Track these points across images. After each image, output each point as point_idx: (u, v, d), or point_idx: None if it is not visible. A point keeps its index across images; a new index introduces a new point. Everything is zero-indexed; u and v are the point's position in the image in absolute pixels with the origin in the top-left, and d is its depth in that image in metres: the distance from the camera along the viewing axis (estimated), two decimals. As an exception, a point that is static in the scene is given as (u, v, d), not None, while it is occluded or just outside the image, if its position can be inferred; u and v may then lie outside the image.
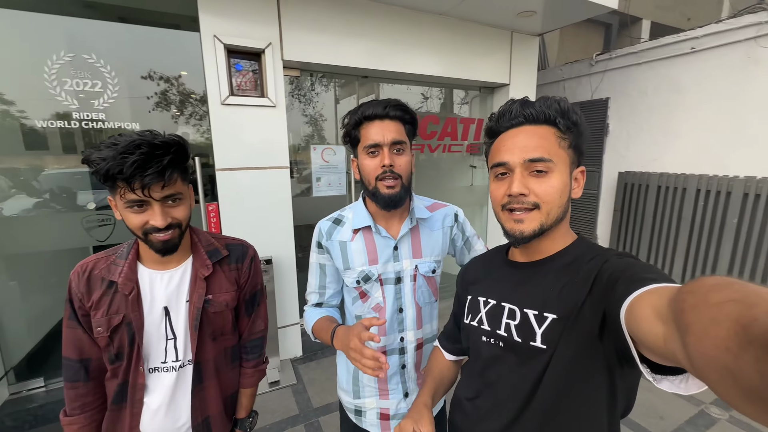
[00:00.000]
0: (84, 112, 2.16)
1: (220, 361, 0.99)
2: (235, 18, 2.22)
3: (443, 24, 2.91)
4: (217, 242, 0.99)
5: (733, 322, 0.29)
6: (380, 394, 1.05)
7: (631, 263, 0.58)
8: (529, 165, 0.66)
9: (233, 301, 0.98)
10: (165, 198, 0.80)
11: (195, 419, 0.94)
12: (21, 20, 2.06)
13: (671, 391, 0.47)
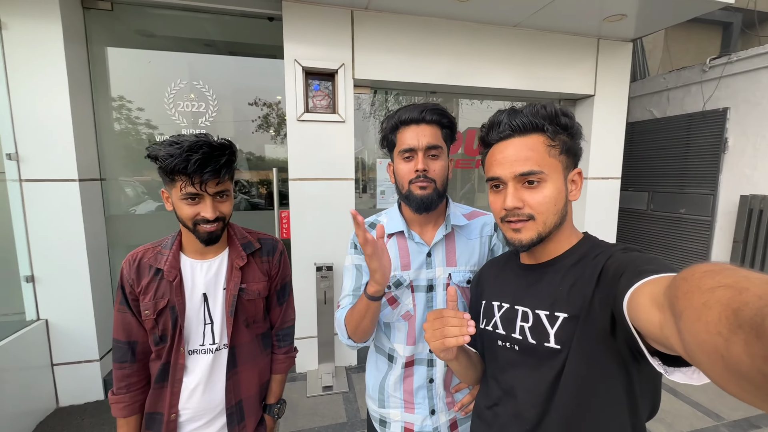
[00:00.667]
0: (191, 129, 2.58)
1: (254, 347, 1.06)
2: (314, 43, 2.45)
3: (518, 36, 2.81)
4: (250, 236, 1.08)
5: (724, 307, 0.30)
6: (405, 407, 1.00)
7: (635, 257, 0.58)
8: (520, 178, 0.68)
9: (264, 290, 1.06)
10: (216, 193, 0.90)
11: (229, 401, 1.01)
12: (154, 57, 2.58)
13: (683, 382, 0.48)
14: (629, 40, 3.05)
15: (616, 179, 3.24)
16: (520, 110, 0.70)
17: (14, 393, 2.04)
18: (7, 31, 2.04)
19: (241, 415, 1.03)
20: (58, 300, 2.27)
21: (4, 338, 2.01)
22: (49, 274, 2.24)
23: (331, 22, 2.46)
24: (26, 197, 2.17)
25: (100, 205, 2.47)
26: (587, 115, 3.17)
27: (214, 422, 1.01)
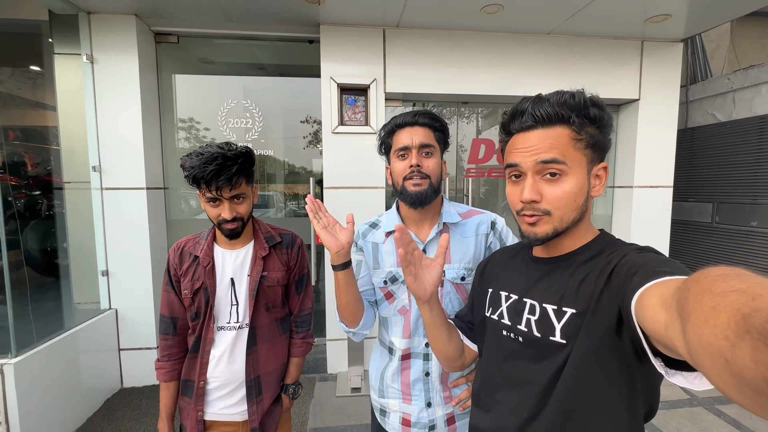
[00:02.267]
0: (239, 143, 2.86)
1: (272, 330, 1.19)
2: (348, 61, 2.63)
3: (552, 43, 2.78)
4: (273, 231, 1.22)
5: (734, 312, 0.29)
6: (403, 398, 1.05)
7: (650, 257, 0.56)
8: (541, 168, 0.64)
9: (284, 279, 1.19)
10: (232, 197, 1.04)
11: (248, 375, 1.13)
12: (211, 81, 2.93)
13: (683, 385, 0.48)
14: (679, 40, 2.87)
15: (667, 188, 3.00)
16: (546, 98, 0.66)
17: (88, 372, 2.37)
18: (97, 65, 2.46)
19: (258, 389, 1.15)
20: (126, 292, 2.62)
21: (83, 323, 2.36)
22: (120, 269, 2.60)
23: (364, 40, 2.63)
24: (105, 203, 2.55)
25: (163, 210, 2.82)
26: (632, 121, 3.00)
27: (235, 393, 1.14)
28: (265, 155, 3.00)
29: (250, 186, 1.11)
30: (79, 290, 2.69)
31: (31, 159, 3.95)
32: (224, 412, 1.14)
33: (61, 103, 2.57)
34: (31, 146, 4.00)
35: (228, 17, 2.55)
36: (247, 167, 1.05)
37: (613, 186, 3.22)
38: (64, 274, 2.70)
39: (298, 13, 2.47)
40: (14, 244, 3.49)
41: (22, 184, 3.80)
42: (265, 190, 3.21)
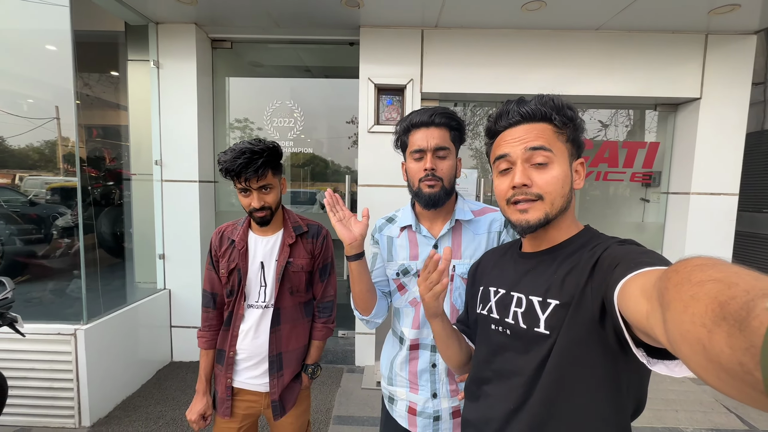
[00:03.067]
0: (281, 142, 3.04)
1: (295, 312, 1.29)
2: (385, 62, 2.69)
3: (600, 39, 2.64)
4: (301, 221, 1.31)
5: (711, 300, 0.31)
6: (410, 387, 1.07)
7: (632, 249, 0.58)
8: (530, 155, 0.69)
9: (308, 266, 1.28)
10: (260, 188, 1.15)
11: (271, 351, 1.24)
12: (259, 83, 3.14)
13: (663, 373, 0.49)
14: (752, 32, 2.59)
15: (731, 196, 2.71)
16: (529, 100, 0.73)
17: (144, 344, 2.65)
18: (162, 70, 2.75)
19: (279, 364, 1.26)
20: (179, 275, 2.89)
21: (142, 299, 2.65)
22: (174, 254, 2.87)
23: (402, 41, 2.67)
24: (164, 194, 2.84)
25: (213, 202, 3.07)
26: (691, 122, 2.76)
27: (259, 366, 1.25)
28: (306, 153, 3.16)
29: (278, 177, 1.20)
30: (140, 271, 3.01)
31: (109, 154, 4.46)
32: (249, 382, 1.26)
33: (131, 104, 2.91)
34: (109, 142, 4.53)
35: (275, 23, 2.72)
36: (272, 160, 1.15)
37: (668, 192, 2.98)
38: (129, 256, 3.04)
39: (340, 17, 2.58)
40: (90, 229, 3.98)
41: (99, 176, 4.32)
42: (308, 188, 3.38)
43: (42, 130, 4.27)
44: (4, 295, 1.74)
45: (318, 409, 2.38)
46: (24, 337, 1.97)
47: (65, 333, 2.11)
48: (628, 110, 3.13)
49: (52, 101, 4.25)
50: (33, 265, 3.05)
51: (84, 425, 2.16)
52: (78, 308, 2.21)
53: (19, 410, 2.14)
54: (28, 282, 3.00)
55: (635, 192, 3.17)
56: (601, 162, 2.96)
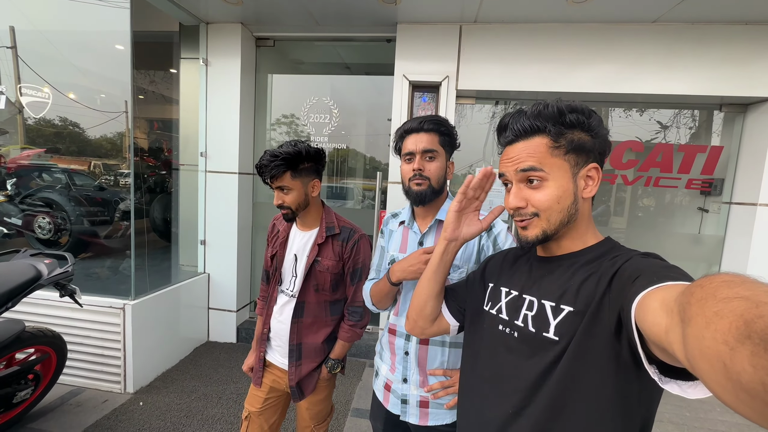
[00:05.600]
0: (316, 137, 3.12)
1: (318, 309, 1.35)
2: (421, 59, 2.67)
3: (656, 33, 2.42)
4: (336, 223, 1.35)
5: (737, 317, 0.30)
6: (390, 366, 1.15)
7: (654, 263, 0.56)
8: (522, 176, 0.70)
9: (335, 268, 1.32)
10: (278, 188, 1.25)
11: (291, 339, 1.33)
12: (299, 80, 3.24)
13: (675, 392, 0.48)
14: None
15: (810, 209, 2.39)
16: (524, 112, 0.71)
17: (185, 323, 2.86)
18: (210, 67, 2.93)
19: (299, 354, 1.34)
20: (216, 260, 3.07)
21: (183, 281, 2.85)
22: (214, 240, 3.06)
23: (440, 38, 2.63)
24: (207, 183, 3.02)
25: (251, 193, 3.22)
26: (762, 124, 2.46)
27: (283, 350, 1.36)
28: (340, 149, 3.22)
29: (299, 180, 1.26)
30: (184, 254, 3.24)
31: (167, 145, 4.84)
32: (277, 359, 1.38)
33: (182, 99, 3.12)
34: (167, 135, 4.92)
35: (316, 21, 2.79)
36: (290, 165, 1.21)
37: (730, 202, 2.68)
38: (175, 240, 3.28)
39: (377, 14, 2.59)
40: (146, 213, 4.34)
41: (156, 165, 4.70)
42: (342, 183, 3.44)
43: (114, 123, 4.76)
44: (65, 269, 1.95)
45: (338, 400, 2.44)
46: (81, 307, 2.20)
47: (116, 306, 2.33)
48: (692, 111, 2.84)
49: (121, 96, 4.72)
50: (96, 244, 3.40)
51: (128, 391, 2.38)
52: (128, 285, 2.43)
53: (75, 372, 2.40)
54: (90, 259, 3.34)
55: (693, 200, 2.88)
56: (652, 166, 2.73)
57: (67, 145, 4.19)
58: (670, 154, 2.69)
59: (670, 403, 2.50)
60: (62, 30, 2.83)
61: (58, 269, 1.93)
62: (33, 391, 2.03)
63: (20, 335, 1.91)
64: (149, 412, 2.20)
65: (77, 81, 3.72)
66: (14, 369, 1.92)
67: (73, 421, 2.10)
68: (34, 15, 3.00)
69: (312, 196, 1.31)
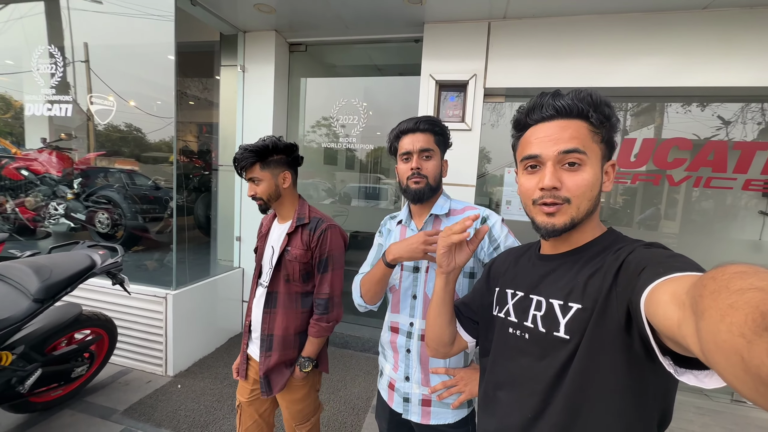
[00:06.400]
0: (344, 138, 3.19)
1: (288, 300, 1.36)
2: (448, 58, 2.64)
3: (710, 20, 2.21)
4: (308, 214, 1.38)
5: (752, 309, 0.29)
6: (394, 365, 1.15)
7: (659, 253, 0.56)
8: (562, 157, 0.65)
9: (302, 257, 1.33)
10: (250, 179, 1.31)
11: (263, 330, 1.36)
12: (331, 83, 3.33)
13: (692, 384, 0.47)
14: None
15: None
16: (565, 93, 0.69)
17: (221, 314, 3.05)
18: (246, 73, 3.10)
19: (269, 345, 1.35)
20: (250, 256, 3.23)
21: (220, 274, 3.04)
22: (247, 236, 3.23)
23: (467, 36, 2.59)
24: (244, 183, 3.20)
25: (283, 193, 3.36)
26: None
27: (258, 341, 1.38)
28: (369, 150, 3.27)
29: (267, 171, 1.31)
30: (222, 249, 3.45)
31: (213, 147, 5.18)
32: (255, 351, 1.40)
33: (222, 104, 3.33)
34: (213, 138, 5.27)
35: (345, 25, 2.86)
36: (258, 156, 1.28)
37: (799, 205, 2.38)
38: (213, 236, 3.50)
39: (404, 15, 2.60)
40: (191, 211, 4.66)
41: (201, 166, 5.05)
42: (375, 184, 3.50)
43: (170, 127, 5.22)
44: (116, 259, 2.16)
45: (359, 396, 2.48)
46: (129, 294, 2.42)
47: (159, 296, 2.54)
48: (762, 104, 2.56)
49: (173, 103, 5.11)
50: (147, 238, 3.70)
51: (169, 374, 2.58)
52: (169, 277, 2.64)
53: (124, 354, 2.65)
54: (141, 252, 3.66)
55: (754, 203, 2.60)
56: (702, 165, 2.50)
57: (131, 148, 4.63)
58: (723, 153, 2.45)
59: (720, 426, 2.28)
60: (124, 44, 3.11)
61: (110, 260, 2.15)
62: (88, 369, 2.27)
63: (78, 317, 2.14)
64: (185, 395, 2.37)
65: (138, 89, 4.07)
66: (73, 347, 2.15)
67: (121, 397, 2.31)
68: (102, 30, 3.33)
69: (283, 187, 1.35)
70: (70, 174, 3.73)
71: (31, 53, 3.09)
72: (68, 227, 3.64)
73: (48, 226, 3.69)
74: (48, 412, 2.12)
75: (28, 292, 1.77)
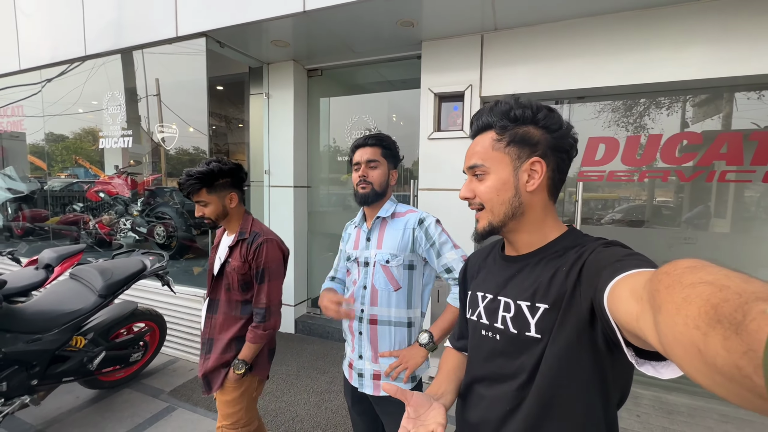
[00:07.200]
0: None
1: (228, 307, 1.46)
2: (444, 71, 2.81)
3: (708, 11, 2.16)
4: (249, 228, 1.46)
5: (704, 302, 0.31)
6: (351, 347, 1.34)
7: (618, 251, 0.59)
8: (470, 172, 0.76)
9: (241, 269, 1.41)
10: (197, 202, 1.41)
11: (204, 333, 1.49)
12: (346, 101, 3.65)
13: (650, 374, 0.50)
14: None
15: None
16: (480, 111, 0.76)
17: (252, 312, 3.42)
18: (271, 99, 3.51)
19: (209, 348, 1.46)
20: (278, 261, 3.60)
21: (252, 278, 3.43)
22: (275, 245, 3.60)
23: (461, 49, 2.75)
24: (271, 197, 3.59)
25: (305, 204, 3.71)
26: None
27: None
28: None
29: (214, 194, 1.40)
30: (255, 256, 3.86)
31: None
32: None
33: (252, 128, 3.78)
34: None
35: (352, 50, 3.15)
36: (204, 183, 1.36)
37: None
38: (248, 244, 3.93)
39: (401, 37, 2.83)
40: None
41: (243, 183, 5.61)
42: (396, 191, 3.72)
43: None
44: (162, 263, 2.60)
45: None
46: (175, 294, 2.85)
47: (198, 295, 2.96)
48: None
49: (223, 128, 5.89)
50: (194, 247, 4.25)
51: (208, 364, 2.98)
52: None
53: (173, 345, 3.10)
54: (190, 259, 4.21)
55: None
56: (715, 159, 2.39)
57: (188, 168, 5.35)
58: (738, 144, 2.33)
59: None
60: (182, 79, 3.57)
61: (157, 264, 2.59)
62: (143, 355, 2.73)
63: (134, 312, 2.61)
64: (219, 381, 2.74)
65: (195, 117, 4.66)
66: (131, 336, 2.62)
67: (168, 381, 2.74)
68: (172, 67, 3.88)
69: (230, 207, 1.44)
70: (136, 195, 4.41)
71: (103, 96, 3.75)
72: (134, 239, 4.30)
73: (120, 239, 4.38)
74: (113, 390, 2.60)
75: (95, 289, 2.23)
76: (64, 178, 4.84)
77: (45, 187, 4.80)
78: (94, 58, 3.63)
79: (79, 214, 4.56)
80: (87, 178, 4.60)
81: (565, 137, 0.71)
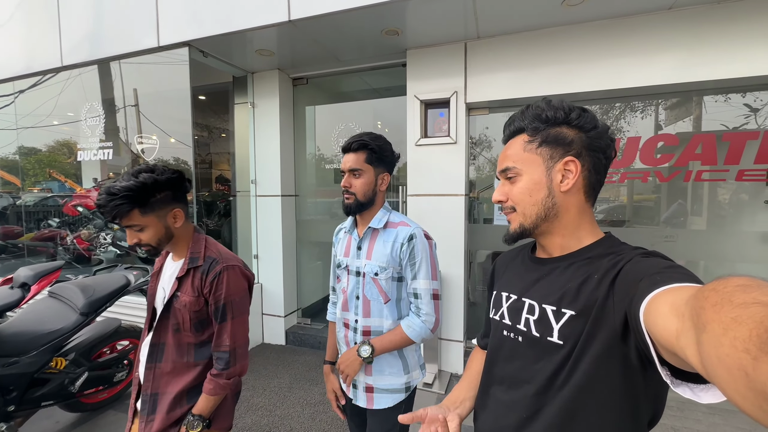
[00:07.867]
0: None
1: (179, 352, 1.12)
2: (430, 78, 2.86)
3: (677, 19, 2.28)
4: (203, 253, 1.13)
5: (756, 324, 0.29)
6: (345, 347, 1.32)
7: (658, 262, 0.56)
8: (502, 175, 0.75)
9: (194, 305, 1.09)
10: (127, 226, 1.03)
11: (146, 388, 1.11)
12: (331, 109, 3.65)
13: (687, 396, 0.46)
14: None
15: None
16: (513, 116, 0.76)
17: (242, 324, 3.35)
18: (256, 108, 3.48)
19: (153, 407, 1.11)
20: (267, 272, 3.55)
21: (240, 290, 3.36)
22: (264, 254, 3.55)
23: (446, 57, 2.80)
24: (258, 206, 3.55)
25: (293, 212, 3.67)
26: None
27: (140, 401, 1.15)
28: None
29: (152, 215, 1.05)
30: (243, 267, 3.79)
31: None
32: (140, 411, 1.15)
33: (237, 137, 3.73)
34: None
35: (336, 58, 3.17)
36: (134, 202, 1.01)
37: (798, 192, 2.31)
38: (235, 255, 3.86)
39: (386, 45, 2.86)
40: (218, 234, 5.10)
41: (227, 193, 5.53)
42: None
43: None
44: (146, 278, 2.52)
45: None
46: (160, 309, 2.74)
47: (185, 309, 2.87)
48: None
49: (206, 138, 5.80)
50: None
51: (196, 380, 2.88)
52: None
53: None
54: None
55: (757, 194, 2.53)
56: (691, 159, 2.50)
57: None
58: (712, 145, 2.44)
59: (730, 425, 2.21)
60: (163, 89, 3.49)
61: (142, 278, 2.51)
62: (127, 375, 2.62)
63: (118, 329, 2.51)
64: (209, 398, 2.65)
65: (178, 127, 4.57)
66: (114, 355, 2.51)
67: (155, 400, 2.64)
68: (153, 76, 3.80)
69: (175, 227, 1.11)
70: (116, 207, 4.28)
71: (81, 108, 3.65)
72: (115, 254, 4.15)
73: (99, 254, 4.23)
74: (96, 412, 2.48)
75: (76, 307, 2.14)
76: (37, 192, 4.66)
77: (18, 202, 4.61)
78: (72, 68, 3.53)
79: (56, 229, 4.39)
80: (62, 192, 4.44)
81: (602, 137, 0.68)
